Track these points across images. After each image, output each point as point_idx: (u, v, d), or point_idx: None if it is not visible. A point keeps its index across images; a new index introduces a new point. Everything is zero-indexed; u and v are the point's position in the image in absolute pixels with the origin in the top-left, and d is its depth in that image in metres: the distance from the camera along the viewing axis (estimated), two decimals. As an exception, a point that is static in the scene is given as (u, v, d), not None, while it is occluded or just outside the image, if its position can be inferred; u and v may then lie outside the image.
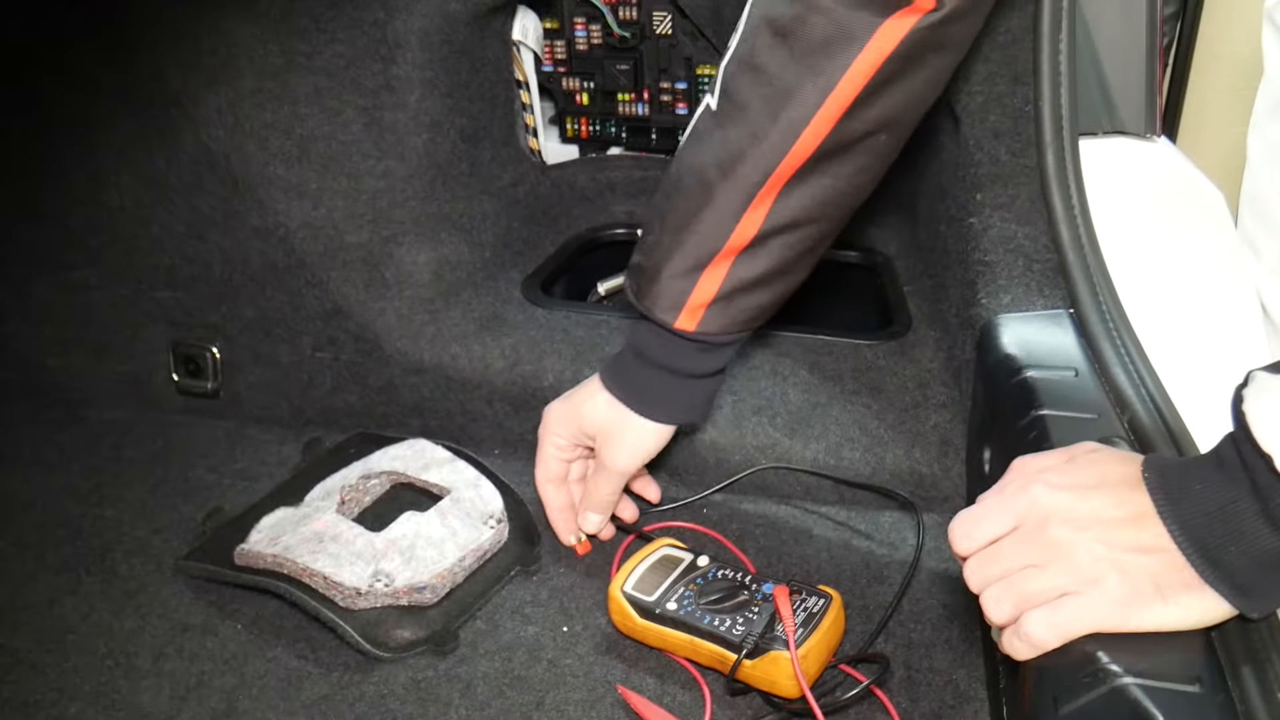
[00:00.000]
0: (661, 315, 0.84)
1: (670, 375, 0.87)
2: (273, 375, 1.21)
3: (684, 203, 0.82)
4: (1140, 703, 0.55)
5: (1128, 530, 0.58)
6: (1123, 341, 0.83)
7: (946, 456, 1.00)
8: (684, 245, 0.82)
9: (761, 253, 0.82)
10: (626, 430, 0.90)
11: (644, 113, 1.43)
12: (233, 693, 0.84)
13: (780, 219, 0.80)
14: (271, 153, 1.14)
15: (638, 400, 0.89)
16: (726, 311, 0.84)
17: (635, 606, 0.85)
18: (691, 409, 0.91)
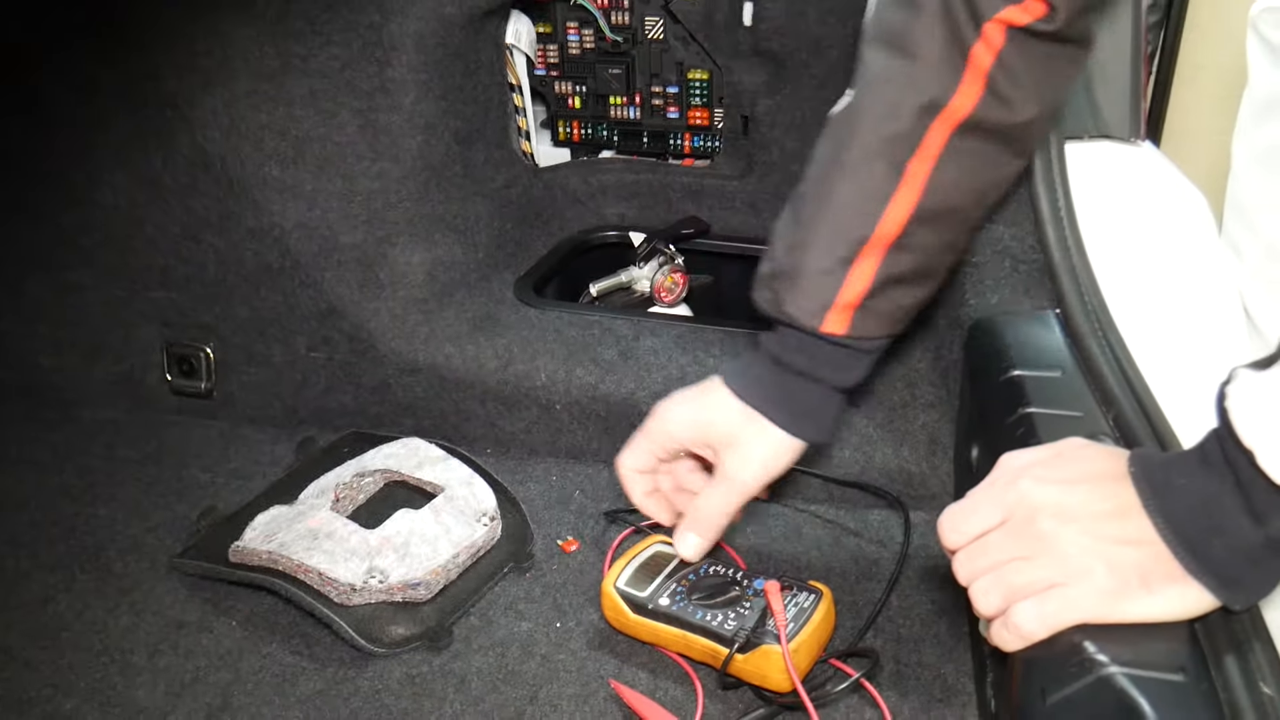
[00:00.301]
0: (807, 320, 0.77)
1: (813, 384, 0.80)
2: (266, 375, 1.21)
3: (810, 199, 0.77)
4: (1126, 691, 0.56)
5: (1114, 523, 0.60)
6: (1108, 341, 0.84)
7: (935, 455, 1.01)
8: (825, 235, 0.76)
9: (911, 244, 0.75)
10: (761, 442, 0.81)
11: (635, 116, 1.44)
12: (228, 688, 0.85)
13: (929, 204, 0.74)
14: (267, 154, 1.14)
15: (778, 409, 0.80)
16: (878, 311, 0.77)
17: (628, 602, 0.86)
18: (822, 425, 0.82)
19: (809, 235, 0.76)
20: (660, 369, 1.10)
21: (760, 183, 1.36)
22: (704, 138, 1.43)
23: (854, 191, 0.74)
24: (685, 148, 1.44)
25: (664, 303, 1.32)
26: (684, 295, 1.33)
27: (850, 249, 0.75)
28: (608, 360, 1.11)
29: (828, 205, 0.75)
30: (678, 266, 1.33)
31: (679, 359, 1.11)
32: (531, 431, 1.13)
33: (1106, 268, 0.89)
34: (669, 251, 1.33)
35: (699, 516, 0.84)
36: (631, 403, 1.08)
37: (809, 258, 0.76)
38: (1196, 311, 0.89)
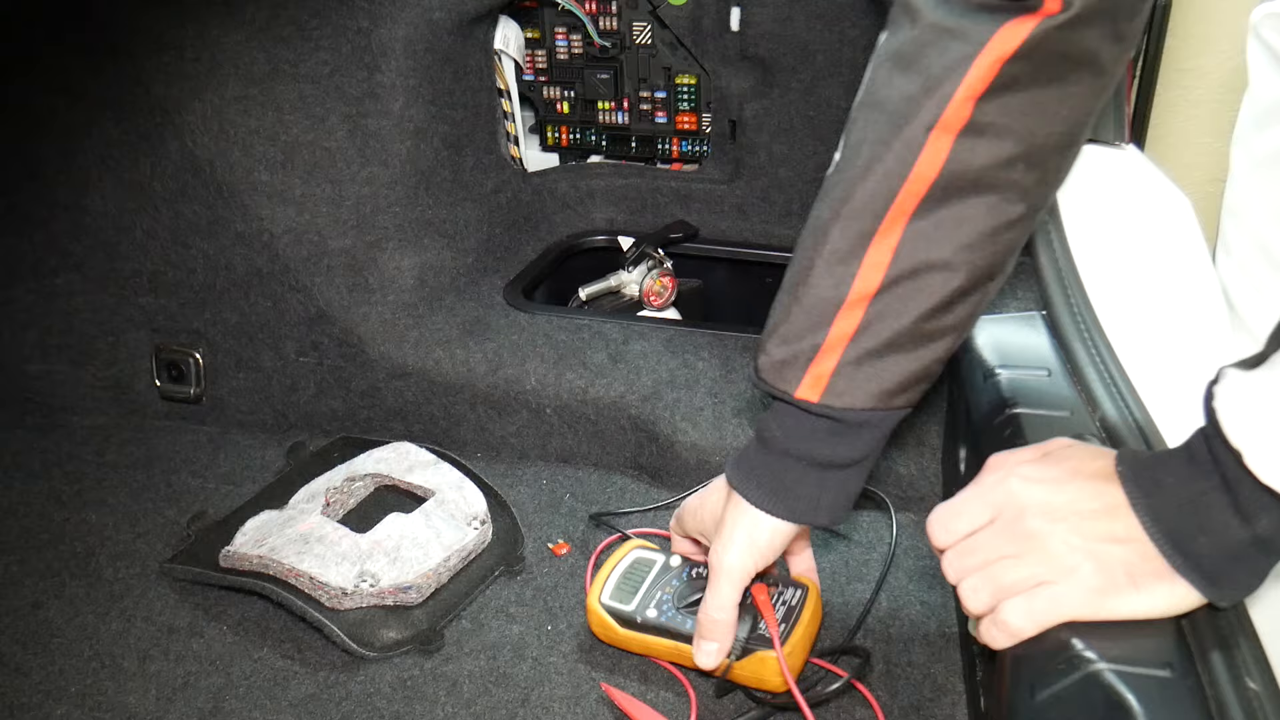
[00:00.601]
0: (781, 386, 0.72)
1: (794, 462, 0.74)
2: (256, 380, 1.21)
3: (799, 258, 0.72)
4: (1114, 687, 0.56)
5: (1102, 521, 0.60)
6: (1094, 342, 0.84)
7: (923, 457, 1.01)
8: (801, 301, 0.71)
9: (892, 304, 0.69)
10: (739, 525, 0.76)
11: (624, 121, 1.44)
12: (219, 693, 0.85)
13: (907, 262, 0.68)
14: (256, 159, 1.14)
15: (755, 489, 0.75)
16: (857, 378, 0.71)
17: (615, 617, 0.85)
18: (817, 507, 0.75)
19: (790, 300, 0.73)
20: (650, 372, 1.10)
21: (748, 187, 1.36)
22: (692, 142, 1.43)
23: (829, 254, 0.70)
24: (673, 152, 1.44)
25: (653, 306, 1.32)
26: (673, 299, 1.34)
27: (826, 314, 0.71)
28: (597, 364, 1.12)
29: (808, 268, 0.71)
30: (666, 270, 1.33)
31: (668, 362, 1.12)
32: (521, 435, 1.13)
33: (1092, 269, 0.89)
34: (657, 255, 1.34)
35: (703, 621, 0.80)
36: (621, 406, 1.09)
37: (787, 323, 0.72)
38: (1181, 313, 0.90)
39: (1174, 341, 0.87)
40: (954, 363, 0.93)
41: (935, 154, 0.66)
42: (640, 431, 1.07)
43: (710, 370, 1.10)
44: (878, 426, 0.73)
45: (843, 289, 0.70)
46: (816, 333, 0.71)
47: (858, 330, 0.70)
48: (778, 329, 0.73)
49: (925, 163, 0.67)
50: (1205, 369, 0.59)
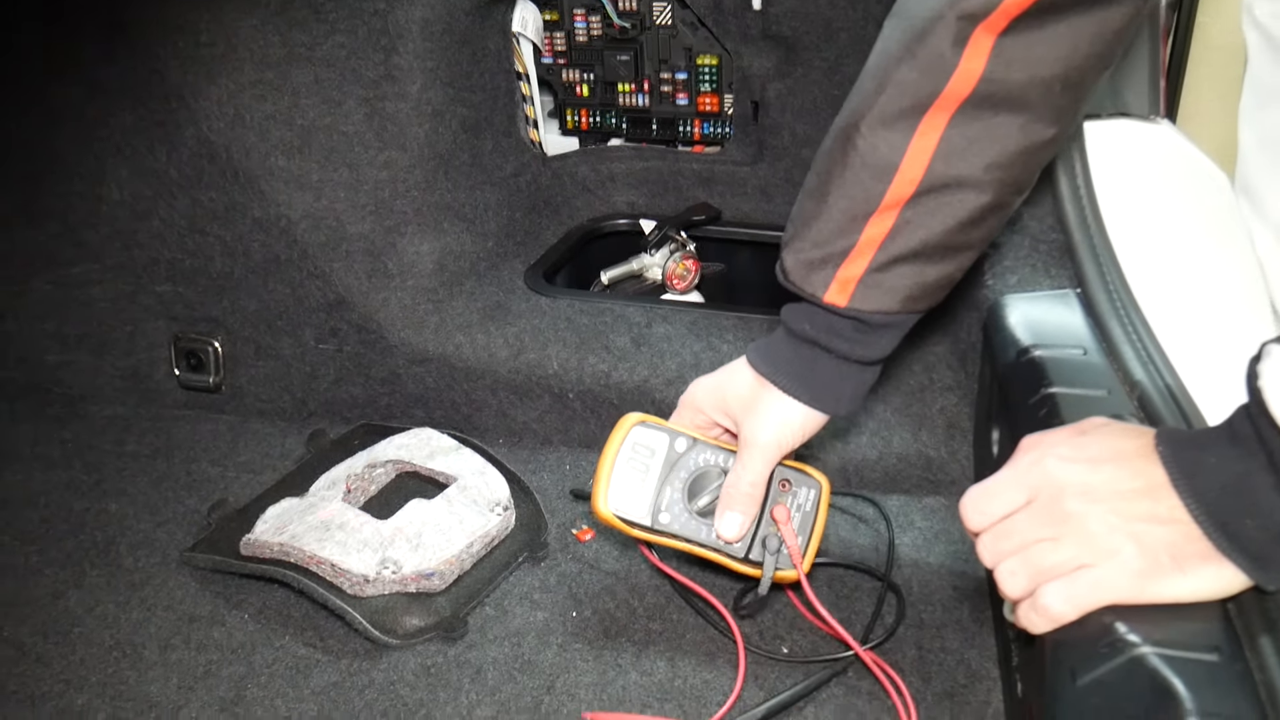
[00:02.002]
0: (810, 289, 0.76)
1: (822, 353, 0.78)
2: (275, 368, 1.20)
3: (827, 161, 0.74)
4: (1159, 672, 0.54)
5: (1142, 502, 0.58)
6: (1130, 319, 0.83)
7: (954, 439, 0.99)
8: (830, 204, 0.74)
9: (924, 212, 0.72)
10: (771, 408, 0.80)
11: (644, 103, 1.43)
12: (241, 681, 0.84)
13: (945, 168, 0.71)
14: (272, 144, 1.13)
15: (784, 377, 0.79)
16: (882, 285, 0.74)
17: (628, 524, 0.83)
18: (839, 398, 0.80)
19: (816, 206, 0.75)
20: (674, 355, 1.09)
21: (771, 168, 1.35)
22: (714, 124, 1.41)
23: (858, 163, 0.73)
24: (695, 134, 1.42)
25: (676, 289, 1.31)
26: (696, 282, 1.32)
27: (855, 220, 0.73)
28: (620, 348, 1.10)
29: (834, 176, 0.74)
30: (689, 253, 1.32)
31: (692, 345, 1.10)
32: (544, 420, 1.12)
33: (1127, 246, 0.88)
34: (680, 238, 1.32)
35: (732, 492, 0.82)
36: (645, 390, 1.07)
37: (815, 228, 0.75)
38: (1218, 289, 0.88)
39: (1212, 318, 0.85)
40: (987, 342, 0.92)
41: (972, 67, 0.68)
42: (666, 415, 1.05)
43: (735, 353, 1.08)
44: (899, 327, 0.77)
45: (874, 195, 0.72)
46: (847, 236, 0.74)
47: (887, 237, 0.73)
48: (806, 230, 0.75)
49: (962, 74, 0.68)
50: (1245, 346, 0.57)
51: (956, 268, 0.76)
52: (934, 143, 0.71)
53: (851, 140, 0.73)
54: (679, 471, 0.84)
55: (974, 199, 0.72)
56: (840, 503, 1.00)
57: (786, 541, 0.82)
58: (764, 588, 0.82)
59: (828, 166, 0.74)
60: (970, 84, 0.69)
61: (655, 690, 0.81)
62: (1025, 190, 0.75)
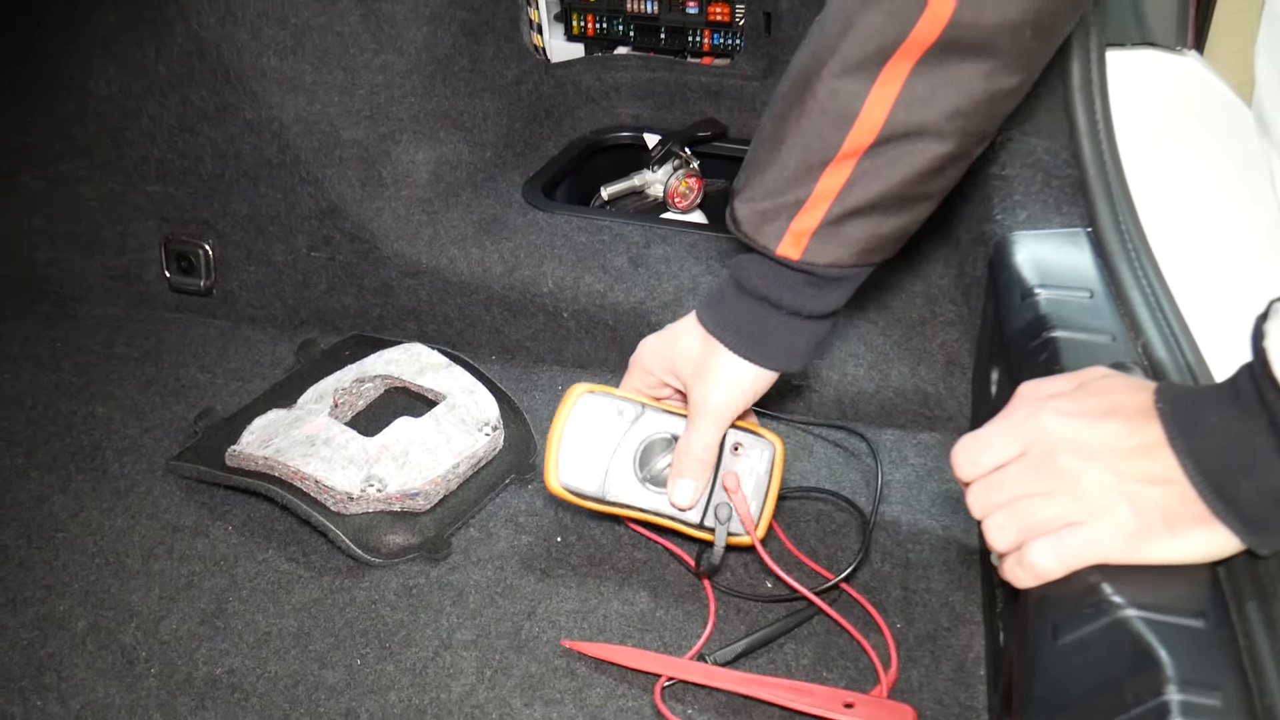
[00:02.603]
0: (761, 241, 0.72)
1: (772, 309, 0.75)
2: (267, 274, 1.18)
3: (782, 104, 0.71)
4: (1142, 635, 0.53)
5: (1138, 460, 0.57)
6: (1141, 264, 0.81)
7: (953, 376, 0.98)
8: (785, 152, 0.70)
9: (884, 161, 0.69)
10: (720, 370, 0.77)
11: (653, 10, 1.38)
12: (222, 594, 0.84)
13: (906, 117, 0.68)
14: (265, 43, 1.09)
15: (734, 336, 0.76)
16: (838, 238, 0.71)
17: (581, 496, 0.82)
18: (792, 354, 0.77)
19: (770, 153, 0.72)
20: (671, 278, 1.06)
21: (782, 84, 1.30)
22: (724, 35, 1.36)
23: (815, 111, 0.69)
24: (704, 45, 1.38)
25: (677, 209, 1.28)
26: (698, 201, 1.29)
27: (810, 171, 0.70)
28: (617, 268, 1.08)
29: (790, 123, 0.70)
30: (693, 171, 1.28)
31: (691, 268, 1.08)
32: (537, 339, 1.10)
33: (1144, 185, 0.85)
34: (684, 155, 1.28)
35: (683, 459, 0.80)
36: (641, 312, 1.05)
37: (768, 177, 0.72)
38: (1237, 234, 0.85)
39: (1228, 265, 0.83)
40: (992, 279, 0.90)
41: (940, 10, 0.64)
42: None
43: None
44: (853, 280, 0.75)
45: (832, 144, 0.69)
46: (800, 186, 0.71)
47: (844, 188, 0.70)
48: (759, 178, 0.72)
49: (930, 17, 0.65)
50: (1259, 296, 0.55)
51: (913, 219, 0.73)
52: (896, 90, 0.67)
53: (810, 86, 0.69)
54: (628, 441, 0.83)
55: (935, 148, 0.69)
56: (832, 435, 0.98)
57: (738, 509, 0.80)
58: (717, 556, 0.80)
59: (783, 112, 0.71)
60: (938, 28, 0.65)
61: (636, 620, 0.80)
62: (988, 139, 0.72)
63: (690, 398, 0.80)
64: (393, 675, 0.77)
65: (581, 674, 0.76)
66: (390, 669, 0.77)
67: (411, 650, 0.79)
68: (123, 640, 0.80)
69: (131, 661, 0.79)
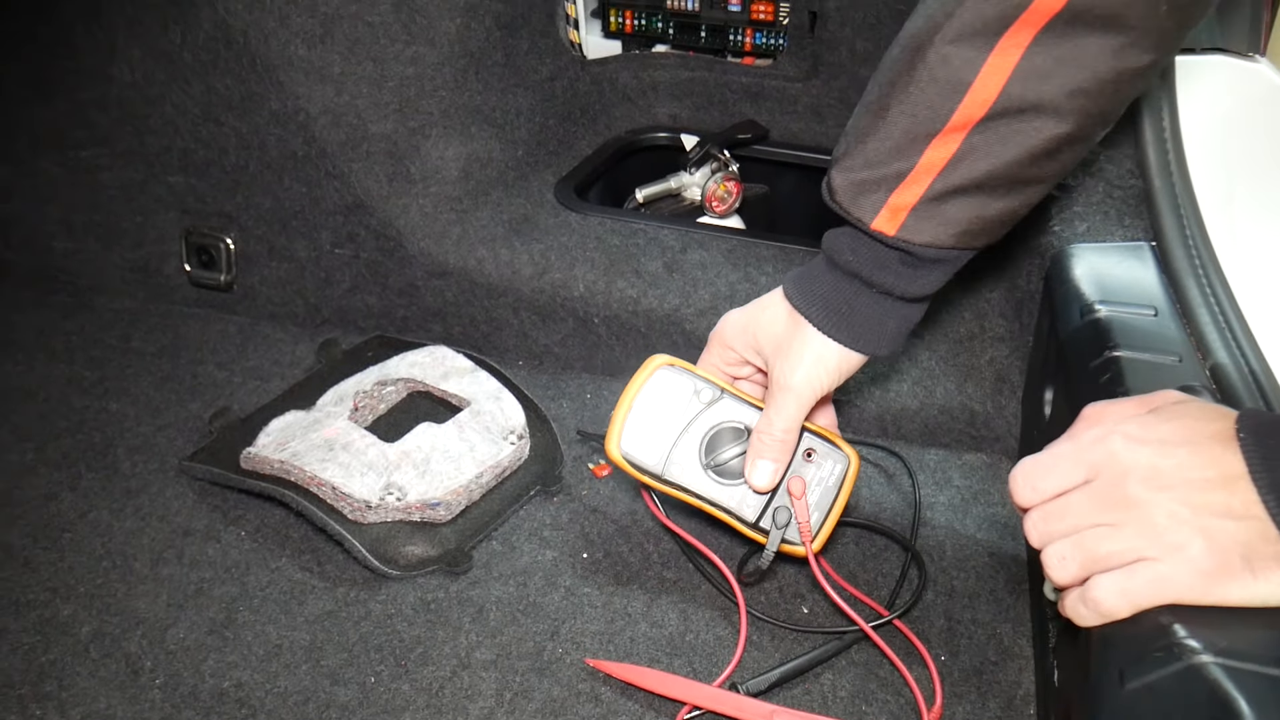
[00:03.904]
0: (856, 212, 0.69)
1: (862, 287, 0.72)
2: (289, 270, 1.15)
3: (889, 71, 0.67)
4: (1219, 684, 0.49)
5: (1216, 493, 0.53)
6: (1209, 280, 0.77)
7: (1002, 394, 0.93)
8: (889, 120, 0.67)
9: (996, 137, 0.65)
10: (806, 348, 0.73)
11: (694, 8, 1.34)
12: (233, 603, 0.81)
13: (1023, 91, 0.63)
14: (293, 31, 1.06)
15: (821, 313, 0.72)
16: (939, 216, 0.67)
17: (639, 469, 0.78)
18: (880, 336, 0.73)
19: (873, 121, 0.68)
20: (708, 284, 1.03)
21: (826, 86, 1.26)
22: (767, 34, 1.33)
23: (925, 78, 0.65)
24: (746, 44, 1.35)
25: (715, 213, 1.24)
26: (737, 205, 1.25)
27: (915, 141, 0.66)
28: (651, 272, 1.04)
29: (897, 91, 0.66)
30: (731, 174, 1.24)
31: (728, 275, 1.04)
32: (566, 345, 1.07)
33: (1212, 197, 0.81)
34: (723, 157, 1.25)
35: (764, 439, 0.76)
36: (675, 319, 1.01)
37: (870, 146, 0.68)
38: (1310, 251, 0.80)
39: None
40: (1048, 293, 0.85)
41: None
42: (695, 349, 0.99)
43: (773, 285, 1.02)
44: (951, 263, 0.70)
45: (940, 114, 0.65)
46: (903, 158, 0.67)
47: (949, 162, 0.66)
48: (860, 146, 0.68)
49: None
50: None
51: (1022, 203, 0.69)
52: (1014, 61, 0.63)
53: (922, 52, 0.65)
54: (699, 423, 0.78)
55: (1051, 127, 0.64)
56: (871, 454, 0.94)
57: (797, 515, 0.76)
58: (765, 561, 0.77)
59: (891, 78, 0.67)
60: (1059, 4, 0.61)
61: (664, 644, 0.77)
62: (1110, 123, 0.68)
63: (771, 374, 0.76)
64: (408, 695, 0.73)
65: (606, 699, 0.73)
66: (405, 688, 0.74)
67: (428, 669, 0.75)
68: (127, 648, 0.77)
69: (136, 671, 0.75)
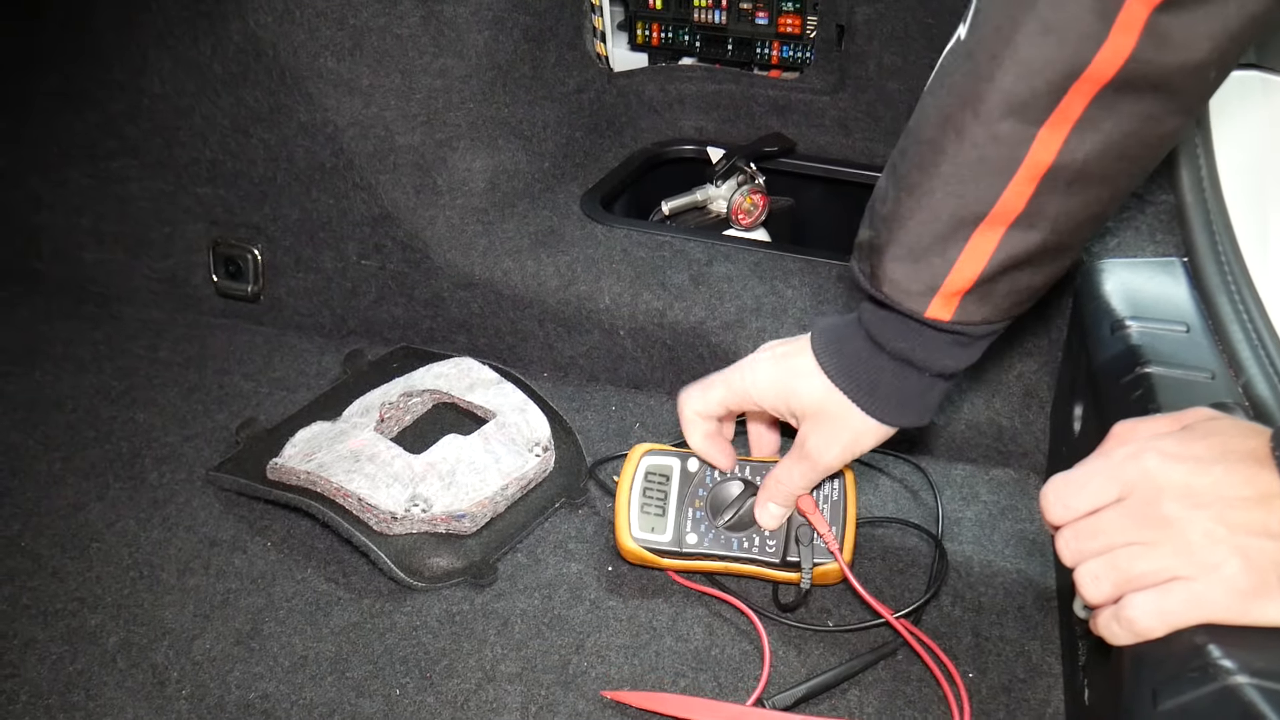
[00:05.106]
0: (909, 304, 0.66)
1: (912, 371, 0.70)
2: (315, 281, 1.15)
3: (928, 150, 0.63)
4: (1255, 705, 0.48)
5: (1253, 511, 0.52)
6: (1241, 296, 0.76)
7: (1029, 409, 0.92)
8: (934, 204, 0.63)
9: (1039, 219, 0.63)
10: (843, 426, 0.73)
11: (721, 21, 1.34)
12: (259, 614, 0.81)
13: (1072, 162, 0.60)
14: (322, 44, 1.07)
15: (866, 395, 0.71)
16: (993, 295, 0.65)
17: (653, 551, 0.81)
18: (924, 411, 0.72)
19: (914, 205, 0.64)
20: (734, 297, 1.02)
21: (853, 100, 1.26)
22: (794, 47, 1.32)
23: (971, 157, 0.62)
24: (773, 57, 1.34)
25: (741, 225, 1.24)
26: (763, 218, 1.25)
27: (963, 225, 0.63)
28: (677, 285, 1.04)
29: (937, 170, 0.63)
30: (758, 187, 1.24)
31: (754, 287, 1.03)
32: (592, 357, 1.07)
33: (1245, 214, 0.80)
34: (749, 170, 1.24)
35: (778, 490, 0.78)
36: (700, 332, 1.01)
37: (912, 232, 0.65)
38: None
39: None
40: (1077, 309, 0.85)
41: (1122, 43, 0.56)
42: (720, 361, 0.99)
43: (800, 299, 1.02)
44: (1000, 332, 0.70)
45: (991, 195, 0.62)
46: (953, 244, 0.64)
47: (1000, 243, 0.63)
48: (900, 231, 0.65)
49: (1109, 50, 0.56)
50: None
51: (1068, 262, 0.67)
52: (1066, 132, 0.59)
53: (964, 129, 0.61)
54: (696, 491, 0.82)
55: (1097, 193, 0.62)
56: (895, 468, 0.93)
57: (819, 529, 0.78)
58: (806, 581, 0.78)
59: (928, 158, 0.63)
60: (1118, 63, 0.57)
61: (690, 659, 0.76)
62: (1146, 177, 0.67)
63: (804, 442, 0.75)
64: (433, 708, 0.73)
65: (633, 713, 0.72)
66: (430, 701, 0.73)
67: (453, 681, 0.75)
68: (154, 659, 0.77)
69: (163, 682, 0.75)
